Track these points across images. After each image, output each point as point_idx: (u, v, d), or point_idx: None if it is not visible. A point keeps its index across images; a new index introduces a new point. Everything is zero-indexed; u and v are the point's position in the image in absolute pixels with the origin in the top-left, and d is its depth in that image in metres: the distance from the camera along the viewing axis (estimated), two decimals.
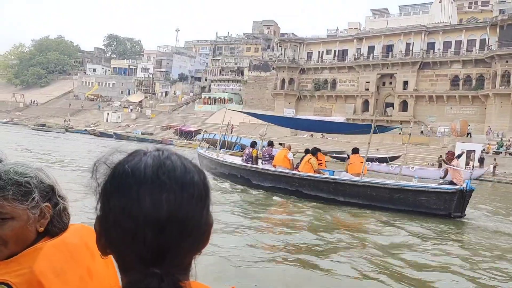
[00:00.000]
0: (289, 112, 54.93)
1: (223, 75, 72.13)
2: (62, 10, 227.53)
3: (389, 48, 48.14)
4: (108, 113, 65.67)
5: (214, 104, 68.78)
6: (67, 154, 19.01)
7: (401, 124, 45.34)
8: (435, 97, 44.46)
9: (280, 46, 57.34)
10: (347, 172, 12.32)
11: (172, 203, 0.62)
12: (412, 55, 46.12)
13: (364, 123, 46.87)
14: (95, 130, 47.71)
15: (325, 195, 11.42)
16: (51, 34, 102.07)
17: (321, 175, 12.07)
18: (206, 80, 77.00)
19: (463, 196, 10.12)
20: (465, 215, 10.42)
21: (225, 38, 78.78)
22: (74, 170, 13.09)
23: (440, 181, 11.69)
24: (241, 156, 15.83)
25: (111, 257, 0.68)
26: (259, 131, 49.40)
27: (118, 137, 43.13)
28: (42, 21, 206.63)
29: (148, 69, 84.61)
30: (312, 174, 12.02)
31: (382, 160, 32.90)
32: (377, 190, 10.94)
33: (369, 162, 29.07)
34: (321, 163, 13.17)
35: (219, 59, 74.06)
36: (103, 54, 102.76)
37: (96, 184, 0.68)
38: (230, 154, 19.36)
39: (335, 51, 52.92)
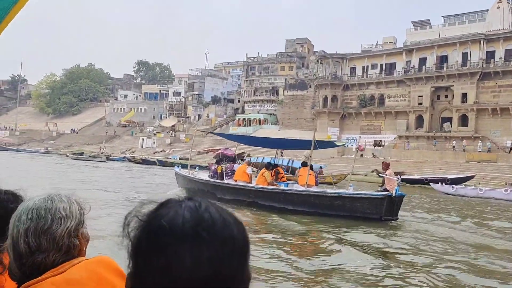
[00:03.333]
0: (333, 132, 51.92)
1: (257, 95, 69.89)
2: (91, 38, 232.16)
3: (443, 59, 44.80)
4: (143, 139, 64.09)
5: (250, 125, 66.44)
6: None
7: (462, 140, 41.82)
8: (499, 110, 40.70)
9: (321, 63, 54.71)
10: (298, 184, 13.38)
11: (214, 261, 0.58)
12: (470, 65, 42.70)
13: (422, 136, 43.55)
14: (134, 157, 45.57)
15: (277, 205, 12.44)
16: (81, 63, 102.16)
17: (273, 187, 13.17)
18: (239, 101, 74.95)
19: (392, 202, 11.17)
20: (397, 218, 11.45)
21: (255, 59, 76.69)
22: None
23: (379, 188, 13.37)
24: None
25: None
26: (304, 153, 46.55)
27: (162, 163, 40.76)
28: (73, 51, 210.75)
29: (180, 92, 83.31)
30: (266, 186, 13.14)
31: (455, 181, 29.43)
32: (320, 198, 12.13)
33: (454, 186, 25.78)
34: (283, 176, 14.94)
35: (253, 80, 71.90)
36: (133, 80, 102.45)
37: (128, 240, 0.64)
38: None
39: (381, 65, 49.85)
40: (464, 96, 43.02)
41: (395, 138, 46.64)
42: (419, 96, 45.79)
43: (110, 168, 32.37)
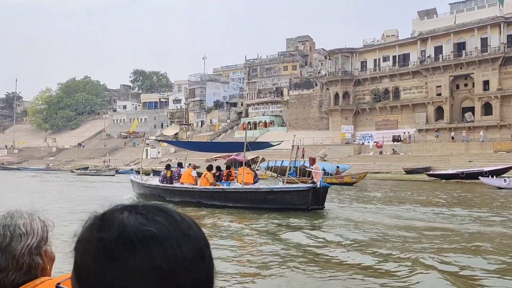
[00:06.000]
0: (347, 129, 49.77)
1: (261, 97, 67.75)
2: (85, 51, 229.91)
3: (460, 46, 42.71)
4: (147, 149, 61.70)
5: (255, 129, 64.22)
6: None
7: (486, 130, 39.71)
8: None
9: (329, 58, 52.53)
10: (237, 182, 14.39)
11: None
12: (490, 51, 40.62)
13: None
14: (142, 168, 43.08)
15: (219, 203, 13.32)
16: (77, 76, 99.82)
17: (214, 187, 14.05)
18: (242, 105, 72.76)
19: (317, 192, 12.43)
20: (323, 207, 12.68)
21: (255, 60, 74.38)
22: None
23: (309, 182, 14.07)
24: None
25: None
26: (319, 153, 44.31)
27: None
28: (68, 64, 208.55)
29: (180, 100, 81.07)
30: (208, 186, 14.01)
31: (493, 174, 27.23)
32: (255, 194, 13.13)
33: (506, 179, 23.48)
34: (233, 178, 15.23)
35: (255, 81, 69.72)
36: (130, 90, 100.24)
37: (88, 256, 0.60)
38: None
39: (394, 56, 47.68)
40: (486, 83, 40.92)
41: (413, 133, 44.48)
42: (437, 87, 43.65)
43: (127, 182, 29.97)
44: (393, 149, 42.26)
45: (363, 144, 46.29)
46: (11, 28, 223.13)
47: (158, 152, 61.25)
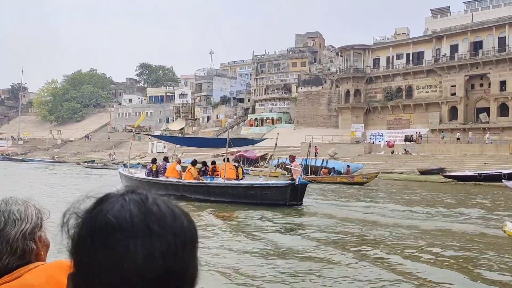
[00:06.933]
0: (357, 128, 48.83)
1: (268, 93, 66.94)
2: (91, 44, 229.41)
3: (477, 45, 41.70)
4: (153, 143, 61.15)
5: (262, 125, 63.45)
6: None
7: (502, 131, 38.81)
8: None
9: (340, 55, 51.57)
10: (220, 178, 14.80)
11: (168, 254, 0.57)
12: (508, 50, 39.59)
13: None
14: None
15: (201, 197, 13.71)
16: (83, 68, 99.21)
17: (197, 181, 14.40)
18: (249, 101, 71.96)
19: (295, 189, 13.09)
20: (301, 203, 13.26)
21: (263, 56, 73.42)
22: None
23: (289, 178, 14.81)
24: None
25: None
26: (329, 151, 43.44)
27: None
28: (74, 56, 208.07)
29: (186, 94, 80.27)
30: (191, 180, 14.38)
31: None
32: (235, 189, 13.69)
33: None
34: (218, 173, 15.48)
35: (263, 77, 68.87)
36: (136, 84, 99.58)
37: (68, 238, 0.60)
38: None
39: (407, 54, 46.66)
40: (503, 83, 39.91)
41: (423, 132, 43.55)
42: (452, 86, 42.63)
43: None
44: (405, 149, 41.35)
45: (373, 143, 45.44)
46: (18, 19, 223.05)
47: (164, 147, 60.56)
